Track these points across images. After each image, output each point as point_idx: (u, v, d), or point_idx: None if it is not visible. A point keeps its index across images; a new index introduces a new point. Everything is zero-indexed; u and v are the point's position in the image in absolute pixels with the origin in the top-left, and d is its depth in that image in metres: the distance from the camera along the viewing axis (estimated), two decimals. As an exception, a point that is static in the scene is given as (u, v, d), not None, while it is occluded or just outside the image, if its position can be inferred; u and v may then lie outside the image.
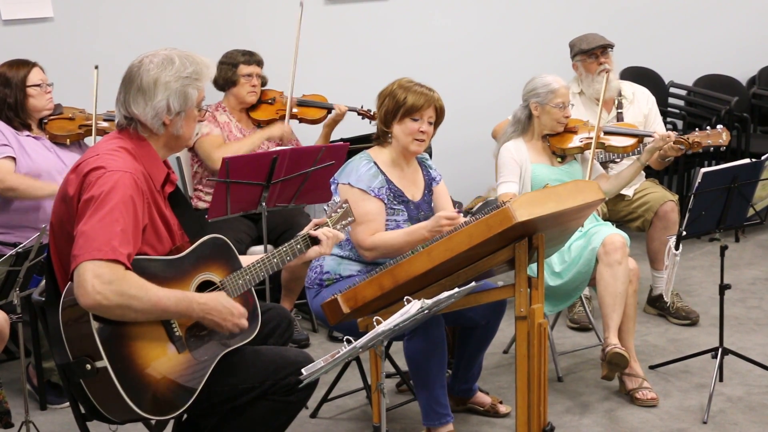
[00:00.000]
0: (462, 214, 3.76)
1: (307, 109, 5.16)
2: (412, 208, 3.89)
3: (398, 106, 3.80)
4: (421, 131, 3.82)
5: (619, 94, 5.11)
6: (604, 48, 5.07)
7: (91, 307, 2.70)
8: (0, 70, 4.38)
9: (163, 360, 2.82)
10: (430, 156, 5.19)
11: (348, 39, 5.72)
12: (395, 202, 3.84)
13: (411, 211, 3.88)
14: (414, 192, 3.93)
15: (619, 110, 5.09)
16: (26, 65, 4.39)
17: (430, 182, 4.00)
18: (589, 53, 5.06)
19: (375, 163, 3.84)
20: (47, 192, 4.25)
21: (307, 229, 3.22)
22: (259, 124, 5.11)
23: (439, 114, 3.86)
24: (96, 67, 4.50)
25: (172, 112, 2.93)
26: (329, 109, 5.16)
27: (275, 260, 3.10)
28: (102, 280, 2.68)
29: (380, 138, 3.91)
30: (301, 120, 5.16)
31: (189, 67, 2.94)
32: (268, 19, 5.52)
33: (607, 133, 4.64)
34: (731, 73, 6.80)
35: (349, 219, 3.32)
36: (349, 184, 3.79)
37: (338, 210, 3.30)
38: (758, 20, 6.94)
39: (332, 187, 3.87)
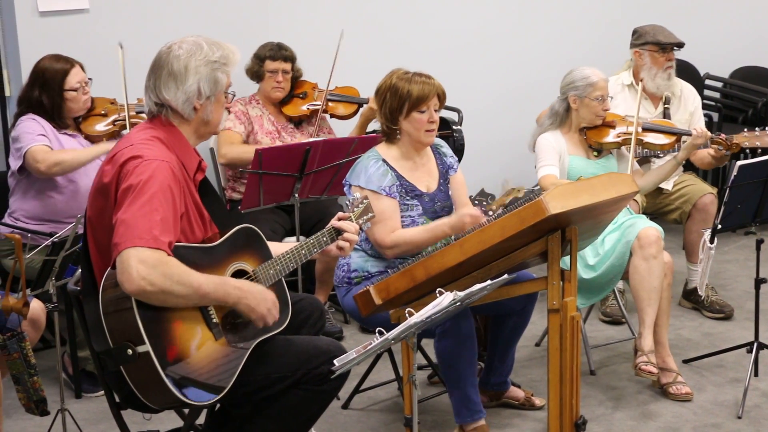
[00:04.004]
0: (491, 210, 3.73)
1: (337, 104, 5.13)
2: (427, 200, 3.87)
3: (403, 101, 3.74)
4: (431, 121, 3.79)
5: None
6: (676, 46, 5.03)
7: (135, 292, 2.72)
8: (41, 64, 4.36)
9: (201, 347, 2.85)
10: (463, 149, 5.21)
11: (377, 24, 5.70)
12: (408, 198, 3.82)
13: (425, 204, 3.85)
14: (429, 183, 3.90)
15: (667, 106, 5.02)
16: (66, 63, 4.35)
17: (445, 171, 3.97)
18: (664, 47, 5.00)
19: (384, 161, 3.81)
20: (92, 153, 4.26)
21: (333, 223, 3.23)
22: (291, 119, 5.10)
23: (442, 100, 3.81)
24: (120, 46, 4.43)
25: (202, 96, 2.96)
26: (360, 105, 5.14)
27: (303, 251, 3.13)
28: (146, 266, 2.71)
29: (387, 136, 3.86)
30: (332, 115, 5.15)
31: (217, 52, 2.97)
32: (305, 8, 5.51)
33: (645, 129, 4.60)
34: (768, 64, 6.73)
35: (370, 215, 3.33)
36: (359, 186, 3.77)
37: (359, 205, 3.31)
38: (797, 11, 6.86)
39: (345, 188, 3.86)
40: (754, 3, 6.77)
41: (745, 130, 4.64)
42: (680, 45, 5.03)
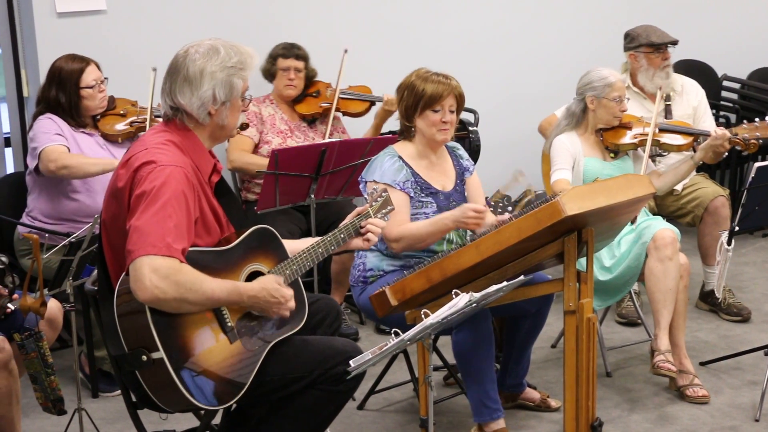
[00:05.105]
0: (510, 208, 3.73)
1: (349, 102, 5.14)
2: (442, 198, 3.87)
3: (418, 99, 3.77)
4: (444, 121, 3.80)
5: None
6: (671, 44, 5.03)
7: (148, 301, 2.73)
8: (57, 64, 4.39)
9: (216, 350, 2.85)
10: (479, 150, 5.20)
11: (392, 26, 5.70)
12: (422, 195, 3.83)
13: (440, 202, 3.86)
14: (444, 182, 3.91)
15: (668, 102, 5.02)
16: (81, 62, 4.38)
17: (462, 172, 3.98)
18: (659, 47, 4.99)
19: (400, 157, 3.83)
20: (100, 167, 4.26)
21: (350, 218, 3.22)
22: (304, 118, 5.11)
23: (460, 101, 3.83)
24: (154, 70, 4.48)
25: (217, 101, 2.94)
26: (372, 102, 5.15)
27: (320, 250, 3.12)
28: (159, 275, 2.71)
29: (404, 133, 3.89)
30: (344, 113, 5.17)
31: (234, 57, 2.95)
32: (319, 11, 5.52)
33: (662, 130, 4.59)
34: (787, 66, 6.69)
35: (389, 207, 3.33)
36: (374, 180, 3.78)
37: (378, 199, 3.30)
38: (815, 12, 6.82)
39: (360, 186, 3.87)
40: (772, 4, 6.74)
41: (745, 122, 4.61)
42: (674, 42, 5.03)
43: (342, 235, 3.18)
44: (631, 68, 5.10)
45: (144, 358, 2.76)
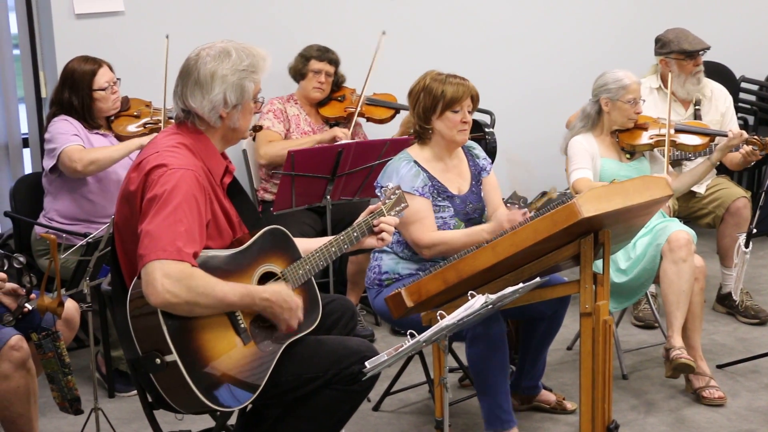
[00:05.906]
0: (526, 210, 3.72)
1: (374, 108, 5.14)
2: (458, 202, 3.86)
3: (437, 101, 3.77)
4: (464, 121, 3.79)
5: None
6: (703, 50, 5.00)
7: (160, 305, 2.74)
8: (69, 66, 4.41)
9: (230, 352, 2.85)
10: (495, 152, 5.20)
11: (410, 29, 5.69)
12: (439, 199, 3.82)
13: (457, 206, 3.85)
14: (460, 184, 3.90)
15: (697, 107, 5.00)
16: (94, 64, 4.40)
17: (478, 172, 3.97)
18: (691, 54, 4.96)
19: (415, 162, 3.82)
20: (125, 149, 4.28)
21: (363, 216, 3.22)
22: (327, 121, 5.12)
23: (475, 102, 3.83)
24: (167, 37, 4.46)
25: (228, 105, 2.94)
26: (397, 110, 5.15)
27: (333, 249, 3.12)
28: (171, 279, 2.71)
29: (420, 136, 3.87)
30: (368, 119, 5.16)
31: (245, 59, 2.94)
32: (349, 15, 5.51)
33: (678, 131, 4.57)
34: (805, 67, 6.65)
35: (403, 205, 3.31)
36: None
37: (391, 197, 3.29)
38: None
39: (377, 191, 3.86)
40: (790, 5, 6.70)
41: None
42: (706, 49, 4.98)
43: (355, 234, 3.17)
44: (661, 72, 5.06)
45: (158, 361, 2.77)
